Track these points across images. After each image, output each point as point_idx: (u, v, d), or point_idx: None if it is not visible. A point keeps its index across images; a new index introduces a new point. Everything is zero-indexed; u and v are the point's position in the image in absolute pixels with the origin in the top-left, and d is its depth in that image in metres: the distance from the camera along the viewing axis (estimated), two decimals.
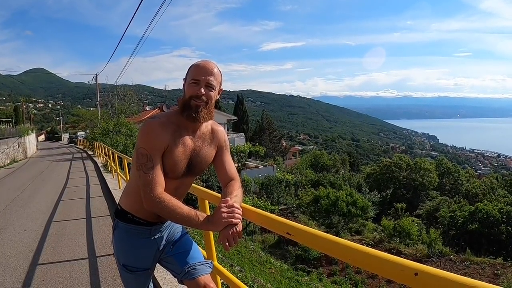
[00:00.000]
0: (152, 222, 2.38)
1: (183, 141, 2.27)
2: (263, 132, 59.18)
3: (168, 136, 2.21)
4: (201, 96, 2.18)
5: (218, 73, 2.25)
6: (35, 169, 23.67)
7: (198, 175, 2.45)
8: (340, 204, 26.61)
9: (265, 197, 29.76)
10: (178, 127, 2.27)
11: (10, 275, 5.32)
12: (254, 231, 24.74)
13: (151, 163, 2.18)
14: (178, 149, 2.23)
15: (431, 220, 33.40)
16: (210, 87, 2.22)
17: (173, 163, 2.23)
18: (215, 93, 2.28)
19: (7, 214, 9.86)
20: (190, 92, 2.21)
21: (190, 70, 2.24)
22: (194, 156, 2.31)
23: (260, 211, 2.20)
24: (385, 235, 26.35)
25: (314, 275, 18.60)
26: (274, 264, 14.11)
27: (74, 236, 7.24)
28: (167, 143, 2.20)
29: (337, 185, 36.70)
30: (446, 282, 1.16)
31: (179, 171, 2.26)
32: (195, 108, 2.20)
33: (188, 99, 2.21)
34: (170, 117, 2.31)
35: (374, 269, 1.44)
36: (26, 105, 76.47)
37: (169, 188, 2.21)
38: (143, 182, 2.16)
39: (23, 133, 36.72)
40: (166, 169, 2.22)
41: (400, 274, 1.30)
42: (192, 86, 2.20)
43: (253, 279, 7.07)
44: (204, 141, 2.37)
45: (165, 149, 2.20)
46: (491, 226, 25.54)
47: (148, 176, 2.17)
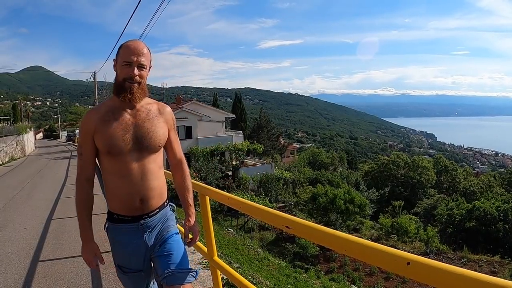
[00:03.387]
0: (136, 216, 2.33)
1: (117, 117, 2.26)
2: (261, 130, 59.04)
3: (94, 119, 2.25)
4: (134, 77, 2.21)
5: (147, 52, 2.27)
6: (33, 167, 23.67)
7: (153, 150, 2.33)
8: (338, 202, 26.67)
9: (263, 194, 29.85)
10: (111, 108, 2.29)
11: (12, 272, 5.35)
12: (253, 228, 24.80)
13: (81, 150, 2.32)
14: (111, 126, 2.23)
15: (429, 217, 33.49)
16: (142, 67, 2.24)
17: (108, 139, 2.22)
18: (147, 72, 2.31)
19: (7, 211, 9.88)
20: (123, 74, 2.23)
21: (121, 52, 2.24)
22: (137, 129, 2.28)
23: (259, 205, 2.26)
24: (382, 233, 26.44)
25: (312, 272, 18.64)
26: (272, 261, 14.13)
27: (74, 233, 7.23)
28: (94, 125, 2.24)
29: (335, 183, 36.70)
30: (437, 271, 1.21)
31: (122, 146, 2.23)
32: (129, 89, 2.22)
33: (122, 81, 2.24)
34: (106, 102, 2.37)
35: (368, 259, 1.50)
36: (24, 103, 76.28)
37: (124, 167, 2.25)
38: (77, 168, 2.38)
39: (21, 131, 36.61)
40: (106, 147, 2.23)
41: (393, 263, 1.36)
42: (125, 68, 2.21)
43: (252, 276, 7.12)
44: (148, 113, 2.35)
45: (94, 133, 2.24)
46: (489, 224, 25.64)
47: (79, 162, 2.35)
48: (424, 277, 1.25)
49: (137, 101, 2.27)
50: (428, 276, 1.24)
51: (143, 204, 2.30)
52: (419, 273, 1.27)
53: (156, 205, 2.37)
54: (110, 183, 2.33)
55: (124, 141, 2.22)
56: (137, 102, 2.28)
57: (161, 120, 2.40)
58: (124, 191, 2.27)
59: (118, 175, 2.27)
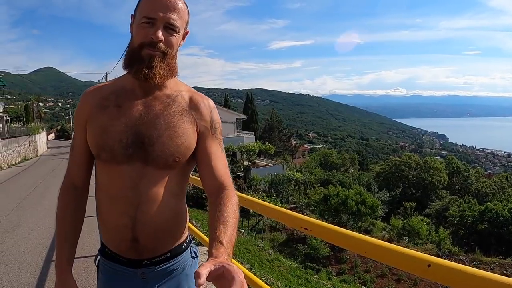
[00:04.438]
0: (134, 260, 1.52)
1: (121, 102, 1.49)
2: (272, 131, 59.11)
3: (90, 102, 1.53)
4: (157, 42, 1.39)
5: (183, 8, 1.46)
6: (46, 167, 23.89)
7: (163, 165, 1.45)
8: (350, 203, 26.62)
9: (274, 195, 29.84)
10: (117, 89, 1.54)
11: (25, 271, 5.40)
12: (264, 229, 24.79)
13: (73, 142, 1.61)
14: (108, 115, 1.47)
15: (441, 219, 33.31)
16: (171, 29, 1.42)
17: (99, 134, 1.46)
18: (179, 39, 1.48)
19: (20, 211, 10.01)
20: (141, 36, 1.41)
21: (142, 3, 1.44)
22: (145, 127, 1.45)
23: (277, 207, 2.25)
24: (394, 234, 26.31)
25: (323, 273, 18.64)
26: (283, 262, 14.16)
27: (87, 233, 7.14)
28: (88, 111, 1.52)
29: (347, 184, 36.69)
30: (457, 273, 1.22)
31: (117, 149, 1.42)
32: (148, 59, 1.41)
33: (137, 48, 1.42)
34: (115, 80, 1.62)
35: (389, 261, 1.51)
36: (36, 103, 76.59)
37: (116, 182, 1.46)
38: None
39: (33, 132, 37.07)
40: (95, 147, 1.49)
41: (413, 266, 1.37)
42: (145, 27, 1.40)
43: (265, 278, 7.14)
44: (169, 105, 1.50)
45: (86, 122, 1.52)
46: (501, 226, 25.43)
47: (69, 160, 1.65)
48: (444, 279, 1.26)
49: (157, 78, 1.42)
50: (448, 278, 1.24)
51: (138, 245, 1.47)
52: (439, 275, 1.28)
53: (162, 249, 1.54)
54: (101, 204, 1.55)
55: (121, 141, 1.43)
56: (158, 82, 1.44)
57: (188, 118, 1.51)
58: (112, 220, 1.50)
59: (108, 194, 1.49)
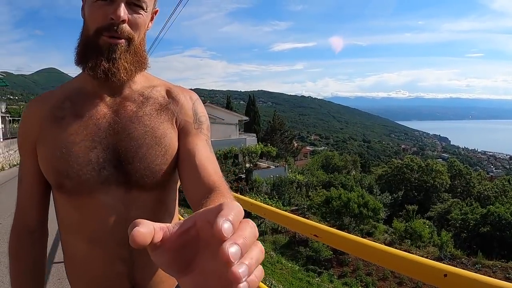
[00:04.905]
0: None
1: (80, 111, 1.11)
2: (274, 133, 59.12)
3: (37, 117, 1.13)
4: (119, 23, 1.01)
5: None
6: None
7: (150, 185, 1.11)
8: (352, 205, 26.58)
9: (276, 197, 29.78)
10: (72, 93, 1.15)
11: None
12: (265, 231, 24.76)
13: (19, 175, 1.23)
14: (65, 130, 1.08)
15: (443, 222, 33.20)
16: (136, 5, 1.04)
17: (56, 158, 1.07)
18: (147, 18, 1.11)
19: None
20: (96, 19, 1.04)
21: None
22: (118, 134, 1.10)
23: (285, 213, 2.22)
24: (396, 237, 26.25)
25: (325, 276, 18.60)
26: (285, 265, 14.17)
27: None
28: (35, 130, 1.12)
29: (349, 186, 36.65)
30: (475, 283, 1.18)
31: (85, 173, 1.06)
32: (107, 49, 1.04)
33: (93, 36, 1.05)
34: (69, 83, 1.22)
35: (403, 270, 1.48)
36: None
37: (97, 218, 1.11)
38: None
39: None
40: (53, 176, 1.10)
41: (429, 275, 1.33)
42: (101, 6, 1.01)
43: (265, 280, 7.12)
44: (141, 104, 1.14)
45: (35, 144, 1.12)
46: (503, 229, 25.37)
47: (17, 196, 1.26)
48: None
49: (123, 75, 1.07)
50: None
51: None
52: (456, 286, 1.24)
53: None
54: (74, 250, 1.20)
55: (90, 162, 1.07)
56: (123, 78, 1.08)
57: (167, 116, 1.16)
58: (97, 270, 1.16)
59: (84, 237, 1.15)
